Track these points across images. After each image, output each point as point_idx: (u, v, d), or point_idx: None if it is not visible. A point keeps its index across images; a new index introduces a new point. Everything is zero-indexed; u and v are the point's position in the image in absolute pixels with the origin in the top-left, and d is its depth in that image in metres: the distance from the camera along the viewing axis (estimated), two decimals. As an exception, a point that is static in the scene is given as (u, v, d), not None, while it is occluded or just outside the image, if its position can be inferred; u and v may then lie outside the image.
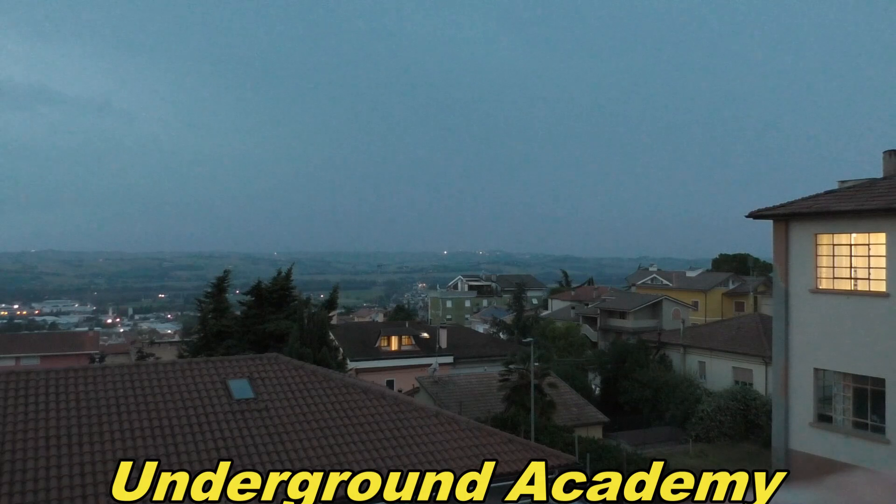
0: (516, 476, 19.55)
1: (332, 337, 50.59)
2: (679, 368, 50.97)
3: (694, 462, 35.77)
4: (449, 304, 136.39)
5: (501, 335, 77.83)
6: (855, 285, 22.72)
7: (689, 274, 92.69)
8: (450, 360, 54.63)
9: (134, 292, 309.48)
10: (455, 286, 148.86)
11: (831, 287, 23.17)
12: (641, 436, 41.04)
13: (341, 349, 51.28)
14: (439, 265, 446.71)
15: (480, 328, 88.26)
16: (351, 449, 18.95)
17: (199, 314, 50.59)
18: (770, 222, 24.72)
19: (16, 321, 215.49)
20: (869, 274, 22.27)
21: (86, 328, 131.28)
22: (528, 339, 40.65)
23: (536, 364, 35.06)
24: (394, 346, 55.47)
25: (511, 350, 48.72)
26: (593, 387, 50.30)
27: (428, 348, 55.26)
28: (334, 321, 54.92)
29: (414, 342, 56.24)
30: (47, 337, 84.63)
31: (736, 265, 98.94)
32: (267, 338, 43.89)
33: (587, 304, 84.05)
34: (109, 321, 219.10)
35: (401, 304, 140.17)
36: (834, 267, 23.19)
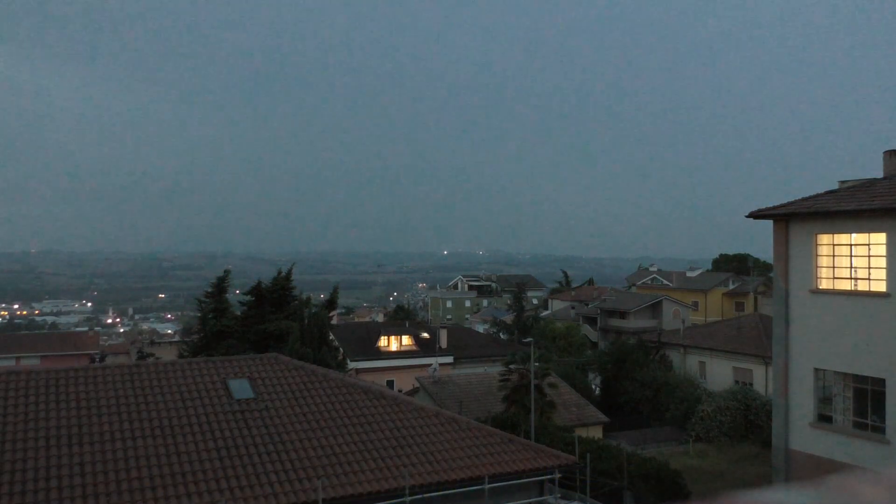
0: (516, 476, 19.56)
1: (332, 337, 50.55)
2: (679, 368, 50.92)
3: (694, 462, 35.74)
4: (449, 304, 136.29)
5: (501, 335, 77.79)
6: (855, 285, 22.70)
7: (690, 274, 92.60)
8: (450, 360, 54.59)
9: (134, 292, 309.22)
10: (455, 286, 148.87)
11: (831, 287, 23.15)
12: (642, 436, 41.02)
13: (341, 349, 51.23)
14: (439, 265, 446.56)
15: (480, 328, 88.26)
16: (351, 449, 18.96)
17: (199, 314, 50.55)
18: (770, 222, 24.71)
19: (16, 321, 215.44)
20: (869, 274, 22.26)
21: (86, 328, 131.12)
22: (528, 340, 40.67)
23: (536, 364, 35.05)
24: (394, 346, 55.46)
25: (511, 350, 48.68)
26: (593, 387, 50.26)
27: (428, 348, 55.22)
28: (334, 321, 54.88)
29: (414, 342, 56.21)
30: (47, 337, 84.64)
31: (736, 265, 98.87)
32: (267, 338, 43.85)
33: (587, 304, 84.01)
34: (109, 321, 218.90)
35: (401, 304, 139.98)
36: (834, 267, 23.18)
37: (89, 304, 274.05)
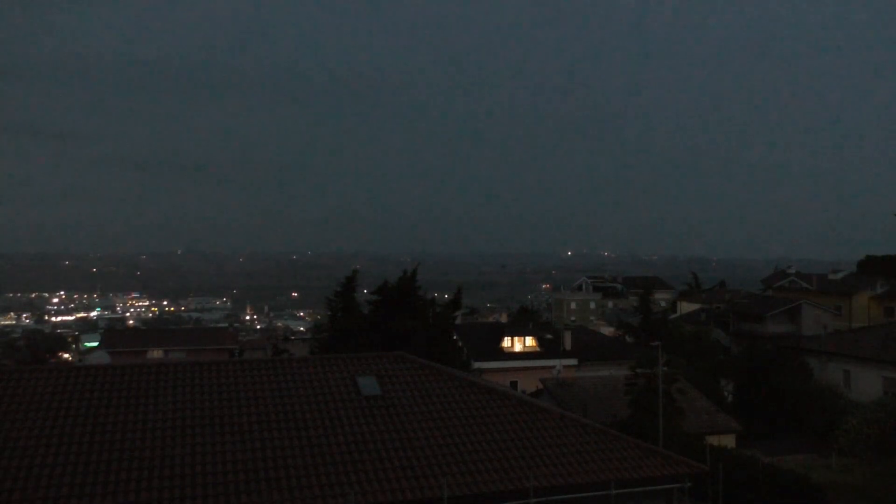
0: (643, 483, 19.06)
1: (455, 337, 51.07)
2: (819, 377, 48.03)
3: (837, 477, 33.60)
4: (573, 305, 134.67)
5: (627, 338, 76.00)
6: None
7: (832, 276, 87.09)
8: (574, 362, 53.98)
9: (269, 290, 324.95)
10: (579, 287, 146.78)
11: None
12: (778, 447, 38.97)
13: (465, 349, 51.72)
14: (563, 266, 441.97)
15: (605, 330, 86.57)
16: (475, 448, 19.11)
17: (328, 312, 52.42)
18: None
19: (164, 317, 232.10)
20: None
21: (226, 325, 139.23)
22: (656, 343, 39.50)
23: (664, 368, 34.00)
24: (517, 347, 55.43)
25: (637, 353, 47.51)
26: (725, 394, 48.23)
27: (552, 350, 54.82)
28: (458, 321, 55.47)
29: (538, 343, 55.95)
30: (192, 332, 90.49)
31: (886, 267, 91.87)
32: (393, 337, 44.86)
33: (719, 307, 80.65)
34: (247, 318, 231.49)
35: (524, 305, 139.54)
36: None
37: (229, 302, 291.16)
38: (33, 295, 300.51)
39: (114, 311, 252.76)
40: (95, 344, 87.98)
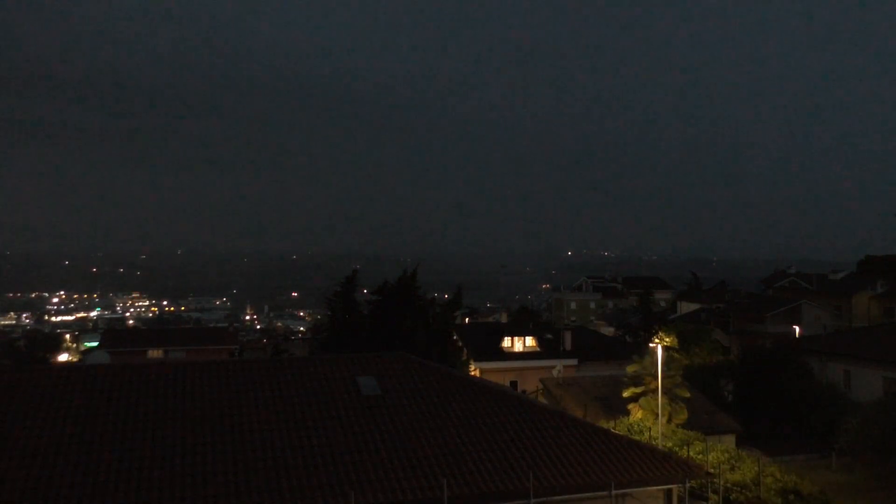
0: (643, 483, 19.06)
1: (455, 337, 51.09)
2: (819, 376, 47.99)
3: (837, 477, 33.63)
4: (573, 305, 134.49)
5: (627, 337, 76.02)
6: None
7: (832, 276, 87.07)
8: (574, 361, 53.97)
9: (269, 290, 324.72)
10: (579, 287, 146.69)
11: None
12: (778, 447, 38.94)
13: (465, 349, 51.74)
14: (563, 266, 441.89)
15: (605, 330, 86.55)
16: (475, 448, 19.10)
17: (328, 312, 52.40)
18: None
19: (164, 316, 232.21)
20: None
21: (225, 324, 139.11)
22: (656, 342, 39.50)
23: (664, 368, 33.99)
24: (517, 346, 55.39)
25: (637, 353, 47.51)
26: (725, 393, 48.18)
27: (552, 350, 54.81)
28: (458, 321, 55.44)
29: (538, 343, 55.93)
30: (192, 331, 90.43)
31: (886, 267, 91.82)
32: (393, 337, 44.87)
33: (719, 307, 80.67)
34: (247, 318, 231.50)
35: (524, 305, 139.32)
36: None
37: (229, 302, 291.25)
38: (33, 295, 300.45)
39: (114, 311, 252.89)
40: (95, 344, 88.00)
